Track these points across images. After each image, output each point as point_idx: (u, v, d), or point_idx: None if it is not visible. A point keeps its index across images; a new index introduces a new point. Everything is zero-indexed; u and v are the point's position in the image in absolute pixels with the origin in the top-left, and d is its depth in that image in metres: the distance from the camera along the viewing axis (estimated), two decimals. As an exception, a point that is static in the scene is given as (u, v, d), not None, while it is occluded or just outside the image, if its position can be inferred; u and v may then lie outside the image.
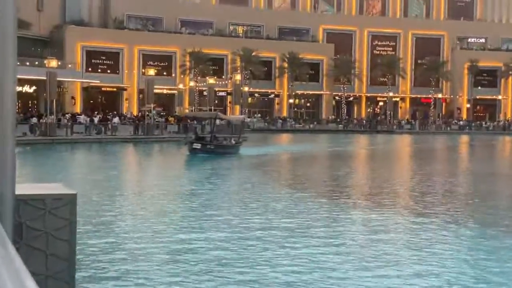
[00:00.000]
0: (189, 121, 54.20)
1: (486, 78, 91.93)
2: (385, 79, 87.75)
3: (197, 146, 35.75)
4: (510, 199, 22.40)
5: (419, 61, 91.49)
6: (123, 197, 19.95)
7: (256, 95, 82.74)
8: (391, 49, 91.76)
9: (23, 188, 4.43)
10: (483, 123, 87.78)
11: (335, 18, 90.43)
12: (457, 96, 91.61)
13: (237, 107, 74.74)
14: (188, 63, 76.67)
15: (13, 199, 3.98)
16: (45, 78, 46.71)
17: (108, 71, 75.77)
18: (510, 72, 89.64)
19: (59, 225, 4.45)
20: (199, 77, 75.83)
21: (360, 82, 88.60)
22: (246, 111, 75.40)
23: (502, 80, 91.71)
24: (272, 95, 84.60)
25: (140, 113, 65.13)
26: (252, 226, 14.70)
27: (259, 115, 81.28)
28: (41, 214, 4.39)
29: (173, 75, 78.54)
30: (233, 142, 39.51)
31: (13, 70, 3.86)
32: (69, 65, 67.04)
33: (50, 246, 4.40)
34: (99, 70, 75.03)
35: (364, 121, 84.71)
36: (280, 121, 78.92)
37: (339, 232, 14.35)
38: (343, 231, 14.50)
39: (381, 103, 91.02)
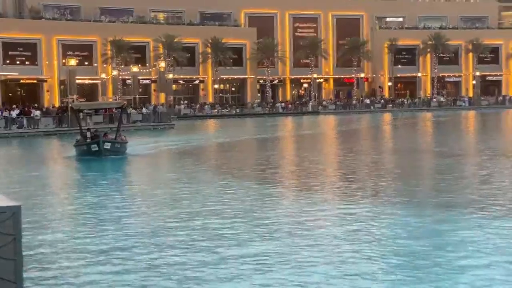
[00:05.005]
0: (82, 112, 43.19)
1: (405, 56, 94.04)
2: (308, 60, 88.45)
3: (107, 146, 29.41)
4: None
5: (340, 42, 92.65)
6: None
7: (181, 81, 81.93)
8: (312, 30, 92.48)
9: None
10: (404, 100, 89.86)
11: (256, 2, 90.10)
12: (379, 75, 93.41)
13: (162, 95, 73.94)
14: (109, 52, 75.04)
15: None
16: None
17: (27, 62, 73.36)
18: (428, 50, 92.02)
19: (2, 242, 3.90)
20: (122, 66, 74.46)
21: (284, 64, 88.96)
22: (172, 98, 74.69)
23: (421, 58, 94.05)
24: (197, 81, 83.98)
25: (62, 105, 63.41)
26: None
27: (186, 102, 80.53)
28: (-21, 230, 4.05)
29: (95, 64, 76.72)
30: (124, 138, 32.20)
31: None
32: (-15, 58, 64.68)
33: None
34: (18, 62, 72.57)
35: (290, 104, 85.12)
36: (207, 106, 78.51)
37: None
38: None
39: (305, 85, 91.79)
